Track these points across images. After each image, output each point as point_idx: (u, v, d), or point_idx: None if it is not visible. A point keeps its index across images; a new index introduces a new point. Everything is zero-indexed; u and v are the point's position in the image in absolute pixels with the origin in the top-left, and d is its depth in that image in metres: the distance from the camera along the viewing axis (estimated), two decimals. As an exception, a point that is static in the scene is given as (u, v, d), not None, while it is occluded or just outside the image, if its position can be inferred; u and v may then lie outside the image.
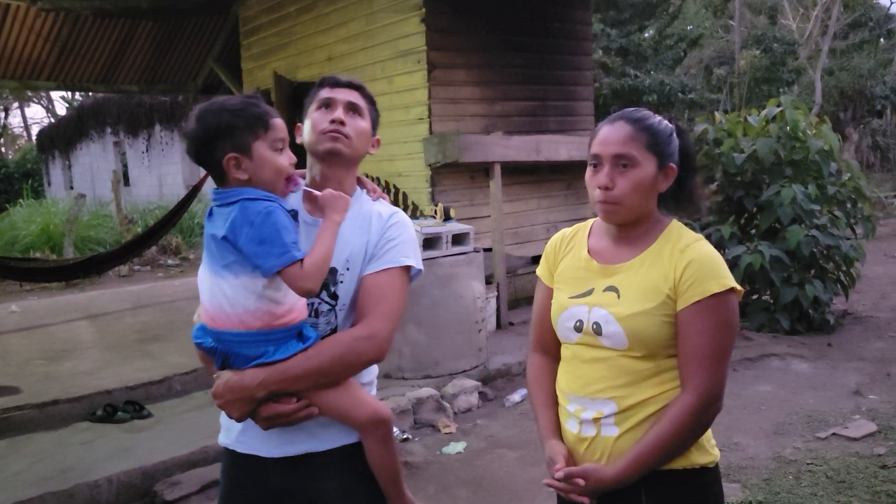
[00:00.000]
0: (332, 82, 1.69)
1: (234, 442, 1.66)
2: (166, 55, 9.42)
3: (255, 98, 1.57)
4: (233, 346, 1.51)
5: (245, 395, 1.50)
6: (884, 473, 3.45)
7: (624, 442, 1.58)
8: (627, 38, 15.03)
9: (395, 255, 1.64)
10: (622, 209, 1.60)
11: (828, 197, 6.26)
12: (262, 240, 1.45)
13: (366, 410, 1.59)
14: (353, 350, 1.54)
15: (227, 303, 1.49)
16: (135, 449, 3.86)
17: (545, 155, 6.44)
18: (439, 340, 4.81)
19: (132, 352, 5.60)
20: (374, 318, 1.58)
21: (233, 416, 1.54)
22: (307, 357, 1.52)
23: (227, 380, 1.52)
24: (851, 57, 20.93)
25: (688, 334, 1.55)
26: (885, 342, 5.73)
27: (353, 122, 1.66)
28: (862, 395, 4.58)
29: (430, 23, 6.16)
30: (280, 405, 1.53)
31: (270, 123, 1.54)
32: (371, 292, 1.61)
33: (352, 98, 1.67)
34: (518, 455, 3.93)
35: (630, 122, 1.61)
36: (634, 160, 1.57)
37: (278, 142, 1.55)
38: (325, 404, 1.56)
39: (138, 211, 13.76)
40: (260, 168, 1.52)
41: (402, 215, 1.72)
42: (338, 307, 1.62)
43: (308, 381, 1.52)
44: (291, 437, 1.60)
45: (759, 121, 6.51)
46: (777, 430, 4.09)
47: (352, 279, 1.63)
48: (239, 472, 1.67)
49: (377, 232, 1.66)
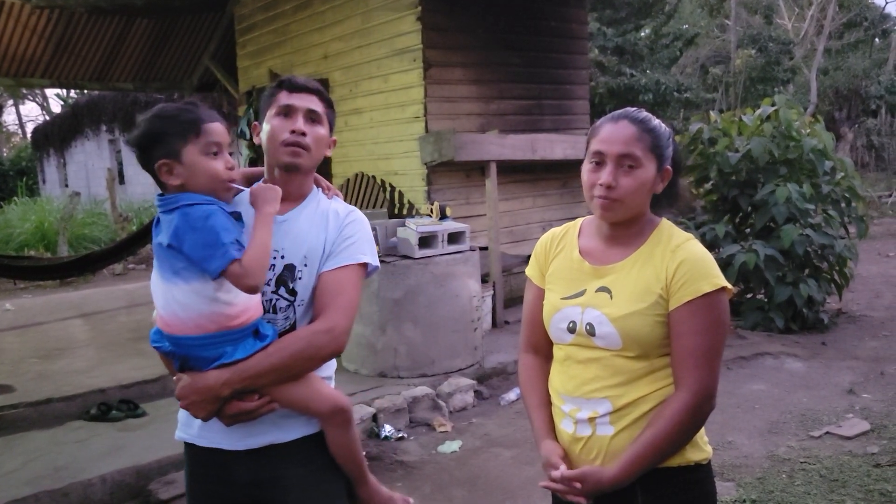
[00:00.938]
0: (290, 86, 1.69)
1: (196, 437, 1.69)
2: (161, 53, 9.40)
3: (192, 104, 1.59)
4: (191, 349, 1.54)
5: (210, 396, 1.53)
6: (877, 472, 3.47)
7: (619, 441, 1.59)
8: (623, 38, 15.04)
9: (353, 253, 1.68)
10: (623, 208, 1.60)
11: (822, 196, 6.27)
12: (204, 244, 1.47)
13: (325, 401, 1.64)
14: (313, 344, 1.59)
15: (180, 308, 1.52)
16: (129, 447, 3.85)
17: (541, 154, 6.45)
18: (435, 339, 4.81)
19: (127, 350, 5.59)
20: (332, 312, 1.62)
21: (199, 416, 1.57)
22: (268, 354, 1.56)
23: (191, 381, 1.55)
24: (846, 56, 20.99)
25: (680, 333, 1.56)
26: (879, 341, 5.75)
27: (313, 131, 1.67)
28: (855, 393, 4.60)
29: (426, 21, 6.16)
30: (244, 402, 1.56)
31: (202, 129, 1.55)
32: (329, 288, 1.65)
33: (311, 105, 1.68)
34: (513, 454, 3.93)
35: (634, 123, 1.61)
36: (639, 161, 1.58)
37: (212, 146, 1.56)
38: (287, 398, 1.60)
39: (133, 209, 13.73)
40: (192, 173, 1.54)
41: (358, 213, 1.76)
42: (296, 303, 1.66)
43: (271, 378, 1.56)
44: (254, 430, 1.63)
45: (754, 120, 6.53)
46: (771, 428, 4.10)
47: (310, 276, 1.66)
48: (202, 466, 1.70)
49: (334, 230, 1.70)
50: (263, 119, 1.71)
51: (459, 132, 6.03)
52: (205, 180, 1.55)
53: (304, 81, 1.71)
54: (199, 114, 1.56)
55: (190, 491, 1.75)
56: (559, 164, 6.84)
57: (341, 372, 2.31)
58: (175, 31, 9.06)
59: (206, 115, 1.57)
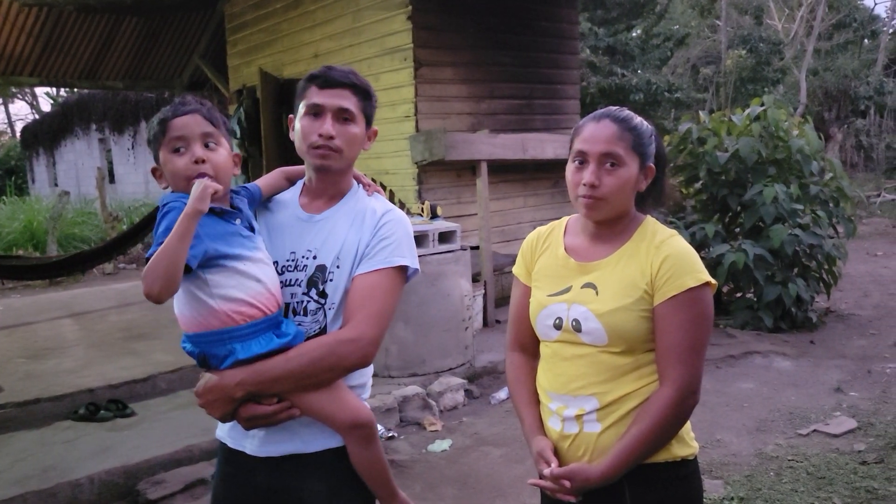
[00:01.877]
0: (321, 82, 1.59)
1: (226, 436, 1.67)
2: (151, 51, 9.37)
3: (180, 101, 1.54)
4: (203, 346, 1.51)
5: (223, 396, 1.49)
6: (863, 469, 3.49)
7: (607, 437, 1.60)
8: (615, 38, 15.08)
9: (388, 255, 1.59)
10: (607, 206, 1.61)
11: (810, 196, 6.31)
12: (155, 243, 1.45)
13: (346, 413, 1.55)
14: (335, 353, 1.51)
15: (185, 306, 1.50)
16: (117, 448, 3.84)
17: (531, 153, 6.46)
18: (426, 338, 4.81)
19: (116, 350, 5.56)
20: (361, 320, 1.53)
21: (215, 416, 1.53)
22: (288, 359, 1.49)
23: (207, 379, 1.51)
24: (836, 57, 21.12)
25: (665, 328, 1.57)
26: (867, 340, 5.80)
27: (344, 131, 1.59)
28: (843, 392, 4.63)
29: (417, 20, 6.16)
30: (260, 406, 1.51)
31: (167, 126, 1.50)
32: (360, 293, 1.56)
33: (342, 103, 1.58)
34: (503, 452, 3.94)
35: (616, 122, 1.62)
36: (621, 159, 1.59)
37: (174, 142, 1.50)
38: (306, 406, 1.53)
39: (124, 208, 13.66)
40: (167, 174, 1.52)
41: (397, 213, 1.66)
42: (326, 306, 1.58)
43: (287, 384, 1.50)
44: (275, 437, 1.58)
45: (743, 120, 6.55)
46: (759, 426, 4.13)
47: (341, 277, 1.58)
48: (230, 466, 1.67)
49: (370, 230, 1.61)
50: (296, 114, 1.64)
51: (450, 131, 6.03)
52: (174, 181, 1.52)
53: (337, 75, 1.60)
54: (170, 111, 1.52)
55: (215, 488, 1.72)
56: (550, 164, 6.85)
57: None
58: (165, 29, 9.03)
59: (177, 110, 1.52)
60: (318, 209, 1.64)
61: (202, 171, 1.49)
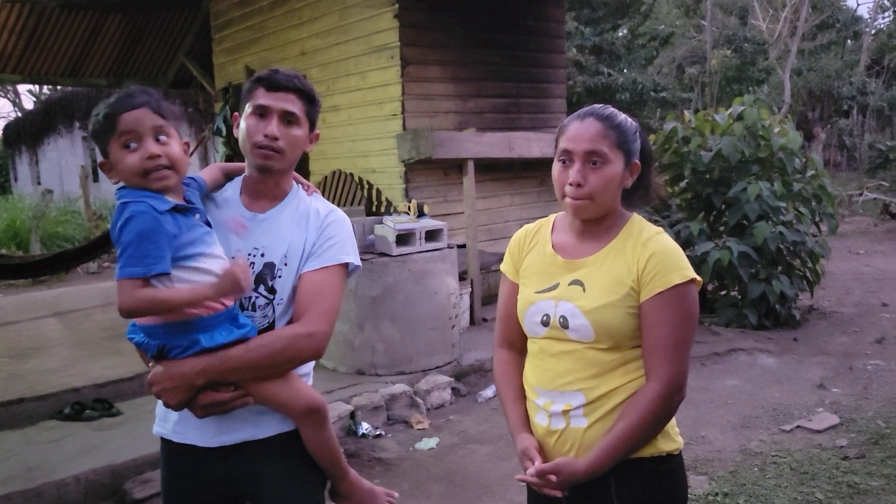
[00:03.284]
0: (268, 84, 1.64)
1: (171, 432, 1.68)
2: (136, 49, 9.30)
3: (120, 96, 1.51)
4: (162, 337, 1.52)
5: (184, 383, 1.51)
6: (845, 465, 3.54)
7: (593, 432, 1.62)
8: (601, 37, 15.14)
9: (335, 253, 1.67)
10: (593, 205, 1.62)
11: (793, 194, 6.38)
12: (117, 244, 1.46)
13: (300, 401, 1.62)
14: (293, 346, 1.57)
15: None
16: (103, 447, 3.81)
17: (518, 152, 6.48)
18: (413, 336, 4.82)
19: (102, 349, 5.52)
20: (315, 316, 1.60)
21: (170, 404, 1.54)
22: (248, 350, 1.54)
23: (165, 368, 1.52)
24: (819, 57, 21.32)
25: (651, 325, 1.59)
26: (849, 337, 5.86)
27: (287, 133, 1.64)
28: (826, 388, 4.68)
29: (404, 19, 6.16)
30: (218, 394, 1.55)
31: (117, 122, 1.47)
32: (311, 290, 1.63)
33: (287, 106, 1.63)
34: (490, 450, 3.96)
35: (600, 120, 1.63)
36: (605, 157, 1.60)
37: (125, 137, 1.48)
38: (262, 394, 1.59)
39: (108, 207, 13.54)
40: (118, 170, 1.51)
41: (338, 213, 1.75)
42: (275, 301, 1.65)
43: (247, 373, 1.55)
44: (228, 426, 1.62)
45: (725, 119, 6.61)
46: (743, 423, 4.17)
47: (289, 274, 1.65)
48: (177, 462, 1.69)
49: (315, 229, 1.68)
50: (242, 112, 1.68)
51: (437, 130, 6.04)
52: (126, 176, 1.50)
53: (284, 79, 1.65)
54: (118, 105, 1.49)
55: (165, 487, 1.74)
56: (537, 163, 6.88)
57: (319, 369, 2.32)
58: (150, 26, 8.97)
59: (125, 103, 1.49)
60: (261, 208, 1.68)
61: (160, 164, 1.49)
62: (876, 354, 5.35)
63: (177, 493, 1.71)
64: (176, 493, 1.71)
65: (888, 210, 12.95)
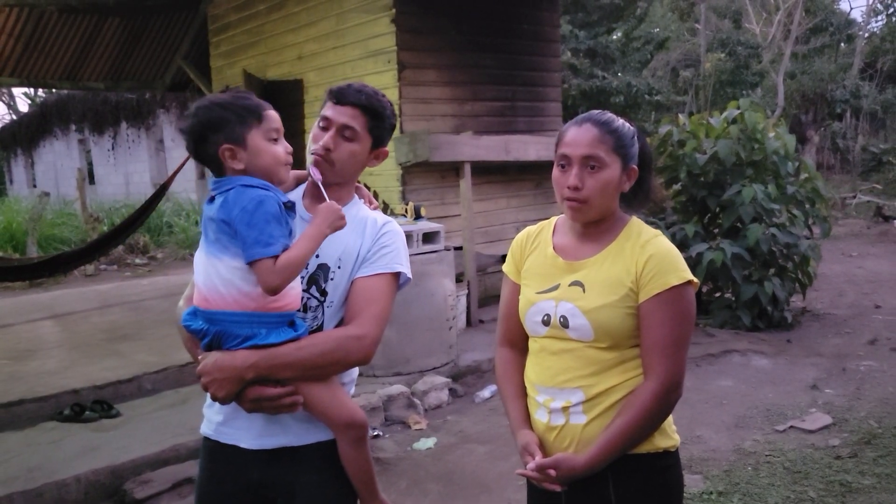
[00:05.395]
0: (336, 97, 1.69)
1: (215, 432, 1.70)
2: (133, 52, 9.32)
3: (246, 93, 1.61)
4: (226, 325, 1.54)
5: (233, 375, 1.53)
6: (838, 464, 3.59)
7: (592, 428, 1.66)
8: (595, 40, 15.21)
9: (389, 262, 1.70)
10: (590, 208, 1.67)
11: (787, 197, 6.44)
12: (248, 226, 1.50)
13: (343, 412, 1.63)
14: (343, 348, 1.59)
15: (221, 283, 1.53)
16: (103, 448, 3.84)
17: (514, 155, 6.53)
18: (410, 338, 4.86)
19: (100, 351, 5.55)
20: (365, 320, 1.62)
21: (217, 396, 1.56)
22: (299, 347, 1.56)
23: (216, 358, 1.55)
24: (813, 61, 21.42)
25: (650, 325, 1.63)
26: (842, 338, 5.92)
27: (343, 148, 1.68)
28: (818, 389, 4.74)
29: (401, 23, 6.21)
30: (268, 388, 1.56)
31: (263, 115, 1.58)
32: (363, 295, 1.65)
33: (347, 120, 1.67)
34: (488, 449, 3.99)
35: (597, 125, 1.68)
36: (602, 162, 1.64)
37: (272, 132, 1.59)
38: (308, 398, 1.59)
39: (104, 209, 13.55)
40: (256, 157, 1.57)
41: (395, 224, 1.77)
42: (326, 304, 1.67)
43: (296, 371, 1.56)
44: (271, 430, 1.64)
45: (720, 122, 6.67)
46: (737, 423, 4.22)
47: (342, 278, 1.67)
48: (218, 462, 1.71)
49: (371, 237, 1.71)
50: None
51: (434, 133, 6.08)
52: (267, 163, 1.58)
53: (351, 95, 1.69)
54: (258, 101, 1.59)
55: (202, 485, 1.76)
56: (533, 165, 6.92)
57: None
58: (147, 30, 8.99)
59: (263, 103, 1.61)
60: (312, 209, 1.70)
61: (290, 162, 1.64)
62: (868, 356, 5.41)
63: (212, 492, 1.73)
64: (210, 493, 1.73)
65: (881, 213, 13.04)
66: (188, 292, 1.70)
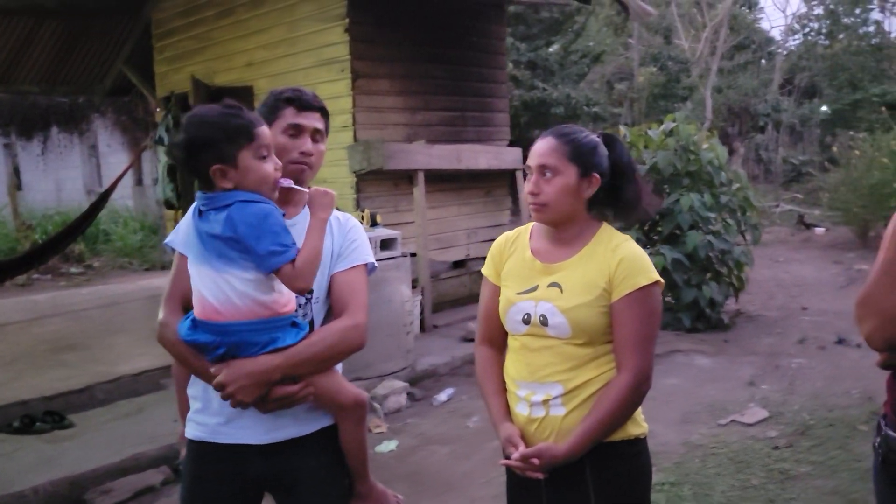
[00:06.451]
0: (299, 104, 1.78)
1: (212, 433, 1.74)
2: (71, 55, 9.04)
3: (236, 108, 1.63)
4: (244, 335, 1.60)
5: (262, 380, 1.61)
6: (776, 454, 3.85)
7: (570, 420, 1.79)
8: (536, 53, 15.60)
9: (360, 254, 1.83)
10: (548, 210, 1.82)
11: (721, 205, 6.80)
12: (258, 240, 1.55)
13: (349, 394, 1.76)
14: (345, 339, 1.72)
15: (236, 296, 1.58)
16: (59, 459, 3.78)
17: (466, 163, 6.68)
18: (370, 343, 4.79)
19: (45, 362, 5.40)
20: (355, 309, 1.75)
21: (244, 401, 1.61)
22: (312, 343, 1.66)
23: (240, 367, 1.60)
24: (738, 76, 22.44)
25: (622, 322, 1.78)
26: (774, 338, 6.28)
27: (316, 150, 1.80)
28: (755, 385, 5.02)
29: (354, 33, 6.28)
30: (289, 387, 1.65)
31: (255, 133, 1.60)
32: (346, 288, 1.78)
33: (316, 124, 1.80)
34: (449, 450, 4.10)
35: (556, 137, 1.84)
36: (556, 169, 1.80)
37: (263, 149, 1.62)
38: (319, 387, 1.70)
39: (35, 217, 13.04)
40: (244, 177, 1.60)
41: (355, 220, 1.91)
42: (313, 300, 1.77)
43: (311, 366, 1.67)
44: (279, 423, 1.72)
45: (659, 135, 6.99)
46: (684, 418, 4.44)
47: (322, 275, 1.76)
48: (209, 463, 1.75)
49: (340, 234, 1.82)
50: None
51: (388, 142, 6.18)
52: (256, 183, 1.61)
53: (312, 100, 1.81)
54: (249, 118, 1.62)
55: (188, 488, 1.79)
56: (483, 174, 7.10)
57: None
58: (87, 33, 8.74)
59: (254, 119, 1.63)
60: (289, 215, 1.78)
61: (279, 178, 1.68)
62: (798, 354, 5.76)
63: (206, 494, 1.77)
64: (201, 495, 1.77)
65: (803, 221, 13.77)
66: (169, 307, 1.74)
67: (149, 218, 13.03)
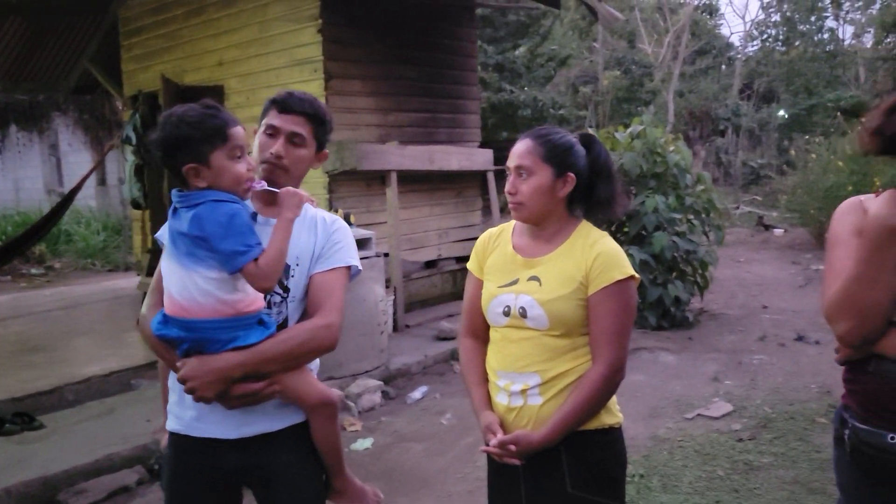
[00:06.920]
0: (280, 106, 1.80)
1: (187, 427, 1.78)
2: (35, 53, 8.87)
3: (214, 108, 1.66)
4: (207, 332, 1.63)
5: (222, 376, 1.64)
6: (740, 446, 3.99)
7: (547, 408, 1.87)
8: (503, 55, 15.76)
9: (342, 257, 1.84)
10: (524, 209, 1.91)
11: (686, 206, 6.98)
12: (228, 240, 1.58)
13: (317, 392, 1.78)
14: (316, 338, 1.72)
15: (199, 294, 1.62)
16: (30, 460, 3.74)
17: (438, 164, 6.75)
18: (343, 342, 4.87)
19: (12, 363, 5.32)
20: (328, 310, 1.76)
21: (206, 397, 1.65)
22: (279, 342, 1.68)
23: (202, 363, 1.63)
24: (699, 81, 22.94)
25: (597, 315, 1.86)
26: (736, 336, 6.47)
27: (292, 153, 1.79)
28: (719, 381, 5.19)
29: (327, 33, 6.30)
30: (252, 384, 1.67)
31: (228, 134, 1.64)
32: (322, 288, 1.79)
33: (295, 128, 1.78)
34: (424, 447, 4.16)
35: (533, 139, 1.92)
36: (531, 170, 1.88)
37: (236, 150, 1.65)
38: (286, 386, 1.72)
39: (-8, 217, 12.73)
40: (218, 176, 1.64)
41: (342, 222, 1.92)
42: (289, 299, 1.79)
43: (278, 364, 1.68)
44: (249, 419, 1.75)
45: (625, 137, 7.15)
46: (651, 413, 4.58)
47: (301, 274, 1.79)
48: (189, 455, 1.79)
49: (323, 235, 1.84)
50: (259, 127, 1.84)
51: (361, 142, 6.21)
52: (229, 183, 1.64)
53: (296, 104, 1.80)
54: (224, 119, 1.65)
55: (170, 480, 1.83)
56: (455, 175, 7.17)
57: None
58: (51, 30, 8.59)
59: (229, 119, 1.66)
60: (273, 214, 1.81)
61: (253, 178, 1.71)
62: (760, 350, 5.95)
63: (183, 486, 1.81)
64: (184, 486, 1.81)
65: (762, 222, 14.15)
66: (151, 300, 1.77)
67: (112, 218, 12.81)
